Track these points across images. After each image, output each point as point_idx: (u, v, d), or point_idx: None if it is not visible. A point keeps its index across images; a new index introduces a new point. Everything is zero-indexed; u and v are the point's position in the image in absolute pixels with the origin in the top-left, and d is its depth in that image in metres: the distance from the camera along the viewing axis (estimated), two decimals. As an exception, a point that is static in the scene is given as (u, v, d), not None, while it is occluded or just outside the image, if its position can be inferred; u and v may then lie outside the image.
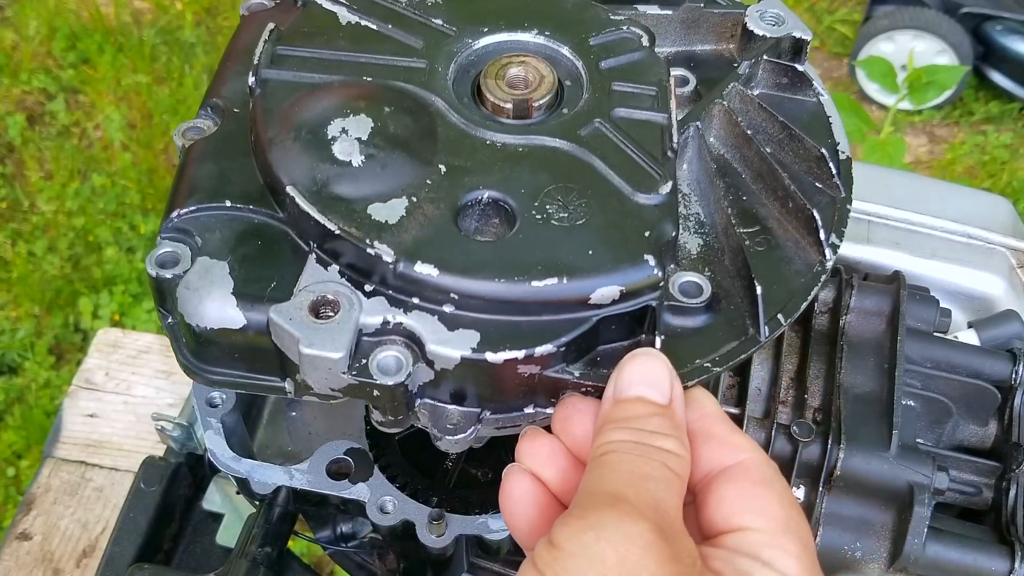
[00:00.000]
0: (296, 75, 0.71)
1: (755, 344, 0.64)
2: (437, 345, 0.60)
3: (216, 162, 0.69)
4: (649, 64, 0.74)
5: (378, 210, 0.64)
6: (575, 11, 0.77)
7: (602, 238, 0.63)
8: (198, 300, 0.63)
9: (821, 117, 0.77)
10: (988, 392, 0.84)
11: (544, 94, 0.68)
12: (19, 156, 2.91)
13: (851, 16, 3.47)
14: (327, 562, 1.80)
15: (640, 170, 0.67)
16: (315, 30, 0.74)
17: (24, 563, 1.51)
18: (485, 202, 0.65)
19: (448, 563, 0.87)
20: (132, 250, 2.69)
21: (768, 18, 0.78)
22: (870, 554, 0.75)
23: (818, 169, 0.72)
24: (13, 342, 2.50)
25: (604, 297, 0.62)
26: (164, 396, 1.71)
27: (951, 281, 1.05)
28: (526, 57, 0.70)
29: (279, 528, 0.88)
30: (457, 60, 0.73)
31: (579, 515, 0.50)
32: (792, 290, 0.67)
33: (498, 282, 0.61)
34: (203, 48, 3.21)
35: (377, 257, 0.61)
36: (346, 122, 0.68)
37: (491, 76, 0.69)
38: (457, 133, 0.68)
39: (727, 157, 0.74)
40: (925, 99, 2.56)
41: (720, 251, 0.69)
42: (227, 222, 0.66)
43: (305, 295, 0.61)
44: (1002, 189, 2.96)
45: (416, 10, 0.76)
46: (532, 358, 0.61)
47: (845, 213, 0.71)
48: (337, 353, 0.59)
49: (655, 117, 0.70)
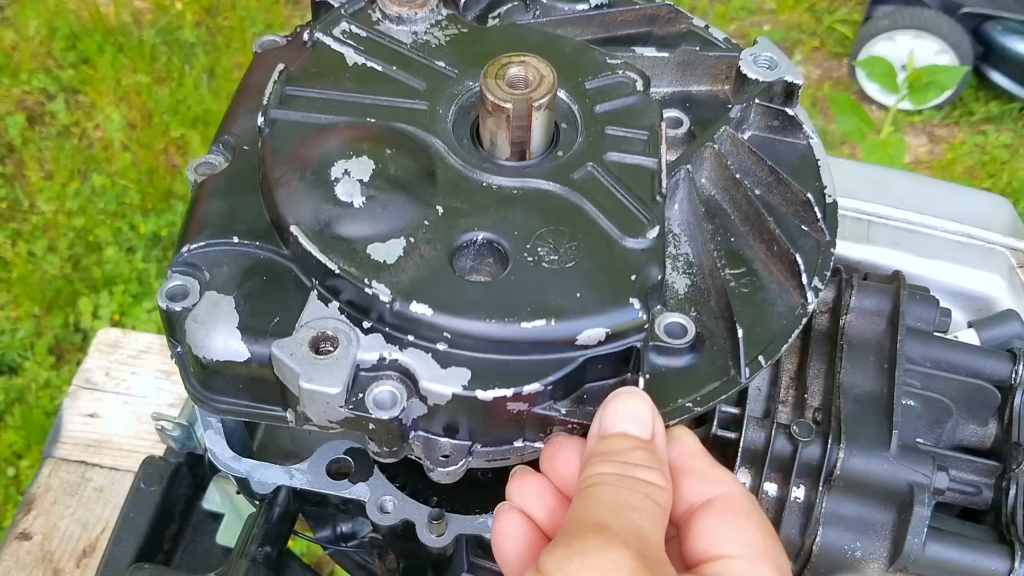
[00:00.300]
0: (303, 115, 0.74)
1: (735, 385, 0.66)
2: (430, 382, 0.63)
3: (225, 199, 0.72)
4: (642, 109, 0.76)
5: (377, 250, 0.66)
6: (573, 54, 0.79)
7: (590, 281, 0.66)
8: (205, 333, 0.66)
9: (810, 160, 0.79)
10: (988, 392, 0.84)
11: (544, 93, 0.68)
12: (19, 156, 2.91)
13: (851, 16, 3.47)
14: (327, 562, 1.80)
15: (629, 214, 0.69)
16: (323, 71, 0.77)
17: (24, 563, 1.51)
18: (480, 243, 0.68)
19: (448, 563, 0.87)
20: (132, 250, 2.69)
21: (761, 61, 0.80)
22: (870, 554, 0.75)
23: (804, 213, 0.74)
24: (13, 342, 2.50)
25: (590, 338, 0.64)
26: (164, 396, 1.71)
27: (951, 281, 1.05)
28: (526, 57, 0.70)
29: (279, 528, 0.88)
30: (458, 102, 0.75)
31: (565, 543, 0.53)
32: (774, 332, 0.69)
33: (489, 323, 0.63)
34: (203, 48, 3.21)
35: (375, 296, 0.64)
36: (349, 164, 0.71)
37: (491, 76, 0.69)
38: (455, 175, 0.71)
39: (717, 198, 0.76)
40: (925, 99, 2.56)
41: (707, 292, 0.71)
42: (234, 257, 0.69)
43: (306, 331, 0.64)
44: (1002, 189, 2.96)
45: (420, 52, 0.79)
46: (520, 396, 0.63)
47: (829, 256, 0.73)
48: (335, 389, 0.62)
49: (646, 162, 0.73)
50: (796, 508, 0.76)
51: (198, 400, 0.70)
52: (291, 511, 0.89)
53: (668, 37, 0.85)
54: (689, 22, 0.85)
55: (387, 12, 0.81)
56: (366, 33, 0.80)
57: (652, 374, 0.65)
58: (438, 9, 0.81)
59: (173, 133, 2.94)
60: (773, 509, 0.77)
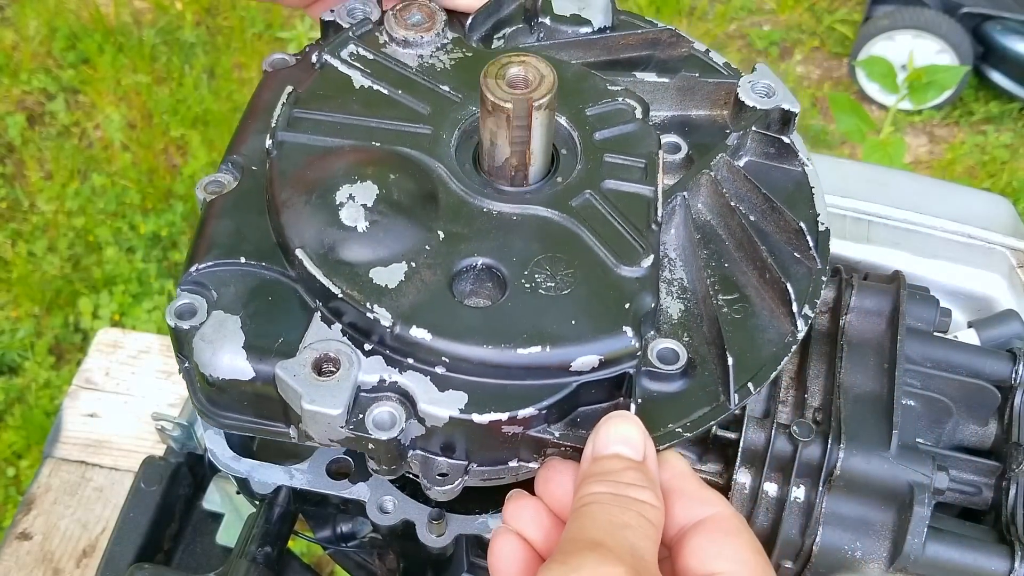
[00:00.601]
0: (310, 138, 0.75)
1: (725, 411, 0.68)
2: (428, 404, 0.65)
3: (233, 219, 0.73)
4: (640, 136, 0.77)
5: (379, 274, 0.68)
6: (575, 80, 0.80)
7: (585, 308, 0.67)
8: (212, 352, 0.67)
9: (804, 187, 0.80)
10: (988, 392, 0.84)
11: (544, 93, 0.68)
12: (19, 156, 2.91)
13: (851, 16, 3.47)
14: (327, 562, 1.80)
15: (625, 243, 0.71)
16: (330, 93, 0.78)
17: (24, 563, 1.51)
18: (479, 268, 0.69)
19: (448, 563, 0.87)
20: (132, 250, 2.69)
21: (759, 89, 0.81)
22: (870, 554, 0.75)
23: (797, 241, 0.75)
24: (13, 342, 2.51)
25: (584, 365, 0.66)
26: (164, 396, 1.71)
27: (951, 281, 1.05)
28: (526, 56, 0.70)
29: (279, 528, 0.88)
30: (461, 127, 0.76)
31: (561, 560, 0.54)
32: (764, 359, 0.70)
33: (486, 348, 0.65)
34: (203, 48, 3.21)
35: (376, 320, 0.66)
36: (353, 188, 0.72)
37: (491, 75, 0.69)
38: (456, 200, 0.72)
39: (713, 223, 0.78)
40: (925, 99, 2.57)
41: (699, 317, 0.73)
42: (241, 277, 0.71)
43: (309, 353, 0.66)
44: (1002, 189, 2.96)
45: (425, 75, 0.80)
46: (515, 420, 0.65)
47: (820, 284, 0.74)
48: (336, 410, 0.64)
49: (642, 190, 0.74)
50: (796, 508, 0.76)
51: (204, 415, 0.72)
52: (291, 511, 0.89)
53: (669, 61, 0.86)
54: (690, 46, 0.87)
55: (394, 35, 0.82)
56: (373, 56, 0.81)
57: (644, 399, 0.67)
58: (443, 33, 0.82)
59: (173, 133, 2.94)
60: (773, 509, 0.77)
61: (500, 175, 0.73)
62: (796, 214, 0.76)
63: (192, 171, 2.83)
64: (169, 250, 2.71)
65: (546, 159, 0.73)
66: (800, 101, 3.22)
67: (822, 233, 0.76)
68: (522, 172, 0.72)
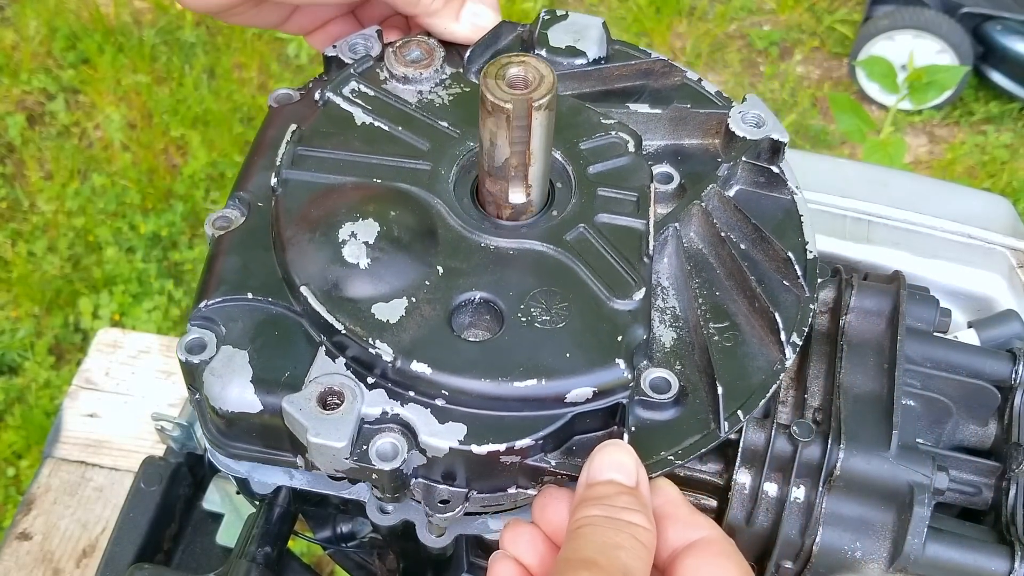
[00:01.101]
0: (314, 175, 0.77)
1: (715, 439, 0.70)
2: (429, 436, 0.67)
3: (240, 255, 0.76)
4: (633, 170, 0.80)
5: (381, 310, 0.70)
6: (569, 114, 0.83)
7: (579, 341, 0.70)
8: (221, 386, 0.70)
9: (794, 215, 0.82)
10: (988, 392, 0.84)
11: (544, 93, 0.68)
12: (19, 156, 2.91)
13: (851, 16, 3.47)
14: (327, 562, 1.80)
15: (617, 276, 0.73)
16: (333, 130, 0.81)
17: (24, 563, 1.51)
18: (477, 302, 0.72)
19: (448, 563, 0.87)
20: (132, 250, 2.69)
21: (749, 119, 0.83)
22: (870, 554, 0.75)
23: (785, 269, 0.77)
24: (13, 342, 2.51)
25: (578, 396, 0.68)
26: (164, 396, 1.71)
27: (951, 281, 1.05)
28: (526, 57, 0.70)
29: (279, 528, 0.88)
30: (459, 163, 0.78)
31: None
32: (753, 386, 0.73)
33: (484, 382, 0.67)
34: (203, 48, 3.21)
35: (378, 355, 0.68)
36: (355, 226, 0.74)
37: (491, 76, 0.69)
38: (455, 235, 0.75)
39: (705, 252, 0.80)
40: (925, 99, 2.57)
41: (691, 345, 0.75)
42: (248, 312, 0.73)
43: (314, 387, 0.69)
44: (1002, 189, 2.96)
45: (425, 111, 0.82)
46: (513, 450, 0.67)
47: (808, 312, 0.76)
48: (340, 443, 0.66)
49: (634, 223, 0.76)
50: (796, 508, 0.76)
51: (215, 445, 0.75)
52: (291, 511, 0.89)
53: (663, 90, 0.89)
54: (683, 75, 0.89)
55: (394, 72, 0.84)
56: (374, 92, 0.83)
57: (637, 427, 0.70)
58: (442, 68, 0.85)
59: (173, 133, 2.94)
60: (773, 509, 0.77)
61: (500, 176, 0.73)
62: (785, 242, 0.78)
63: (192, 171, 2.83)
64: (169, 250, 2.71)
65: (546, 160, 0.74)
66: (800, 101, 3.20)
67: (810, 261, 0.78)
68: (522, 173, 0.72)
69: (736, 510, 0.77)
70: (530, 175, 0.73)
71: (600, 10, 3.42)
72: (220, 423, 0.73)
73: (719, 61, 3.36)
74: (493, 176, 0.73)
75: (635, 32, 3.35)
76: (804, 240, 0.80)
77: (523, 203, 0.75)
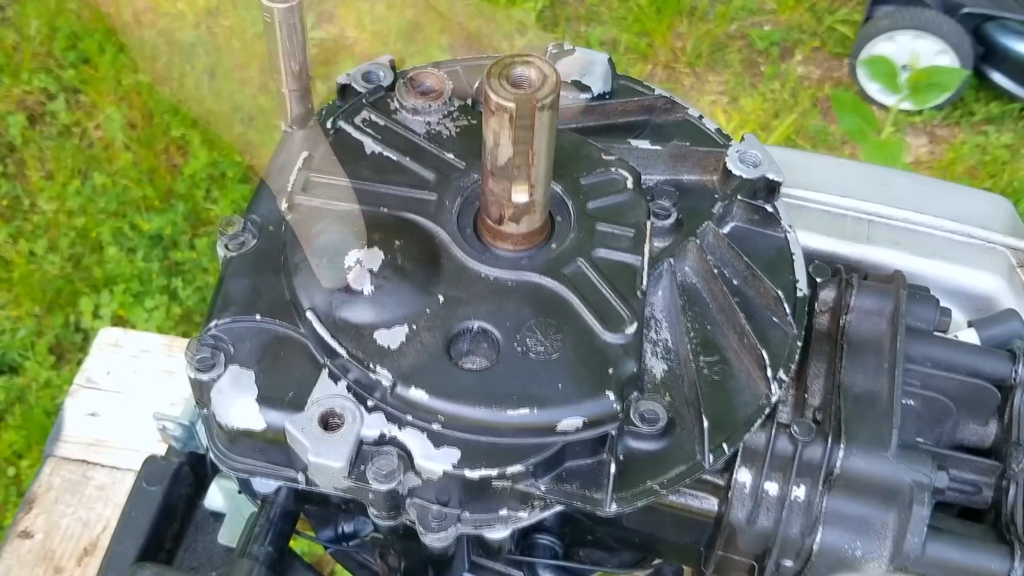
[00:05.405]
0: (323, 203, 0.80)
1: (700, 470, 0.73)
2: (424, 460, 0.71)
3: (250, 278, 0.80)
4: (631, 206, 0.82)
5: (382, 336, 0.73)
6: (571, 149, 0.85)
7: (571, 373, 0.72)
8: (228, 404, 0.74)
9: (786, 253, 0.85)
10: (988, 391, 0.84)
11: (548, 93, 0.68)
12: (20, 156, 2.92)
13: (851, 16, 3.46)
14: (328, 561, 1.80)
15: (611, 309, 0.76)
16: (343, 158, 0.83)
17: (25, 561, 1.51)
18: (475, 331, 0.74)
19: (449, 562, 0.88)
20: (133, 250, 2.69)
21: (746, 158, 0.86)
22: (870, 553, 0.76)
23: (775, 307, 0.80)
24: (14, 342, 2.51)
25: (569, 426, 0.71)
26: (165, 395, 1.71)
27: (951, 281, 1.05)
28: (530, 57, 0.70)
29: (281, 527, 0.88)
30: (463, 194, 0.81)
31: None
32: (739, 420, 0.75)
33: (479, 409, 0.70)
34: (203, 48, 3.21)
35: (378, 380, 0.71)
36: (360, 254, 0.76)
37: (495, 75, 0.69)
38: (457, 265, 0.77)
39: (698, 287, 0.82)
40: (926, 100, 2.57)
41: (681, 378, 0.77)
42: (256, 333, 0.77)
43: (316, 408, 0.72)
44: (1003, 189, 2.96)
45: (432, 142, 0.85)
46: (504, 475, 0.70)
47: (795, 349, 0.79)
48: (339, 463, 0.70)
49: (630, 259, 0.79)
50: (796, 508, 0.76)
51: (220, 459, 0.78)
52: (293, 511, 0.89)
53: (665, 125, 0.91)
54: (684, 112, 0.91)
55: (404, 103, 0.86)
56: (384, 122, 0.86)
57: (625, 456, 0.73)
58: (451, 101, 0.87)
59: (174, 133, 2.94)
60: (773, 509, 0.77)
61: (503, 175, 0.73)
62: (776, 280, 0.80)
63: (193, 171, 2.83)
64: (170, 249, 2.71)
65: (549, 159, 0.74)
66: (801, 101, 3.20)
67: (799, 299, 0.81)
68: (525, 172, 0.72)
69: (736, 509, 0.77)
70: (533, 174, 0.73)
71: (601, 10, 3.42)
72: (225, 439, 0.76)
73: (720, 61, 3.36)
74: (496, 176, 0.73)
75: (636, 32, 3.35)
76: (795, 278, 0.82)
77: (526, 203, 0.75)
